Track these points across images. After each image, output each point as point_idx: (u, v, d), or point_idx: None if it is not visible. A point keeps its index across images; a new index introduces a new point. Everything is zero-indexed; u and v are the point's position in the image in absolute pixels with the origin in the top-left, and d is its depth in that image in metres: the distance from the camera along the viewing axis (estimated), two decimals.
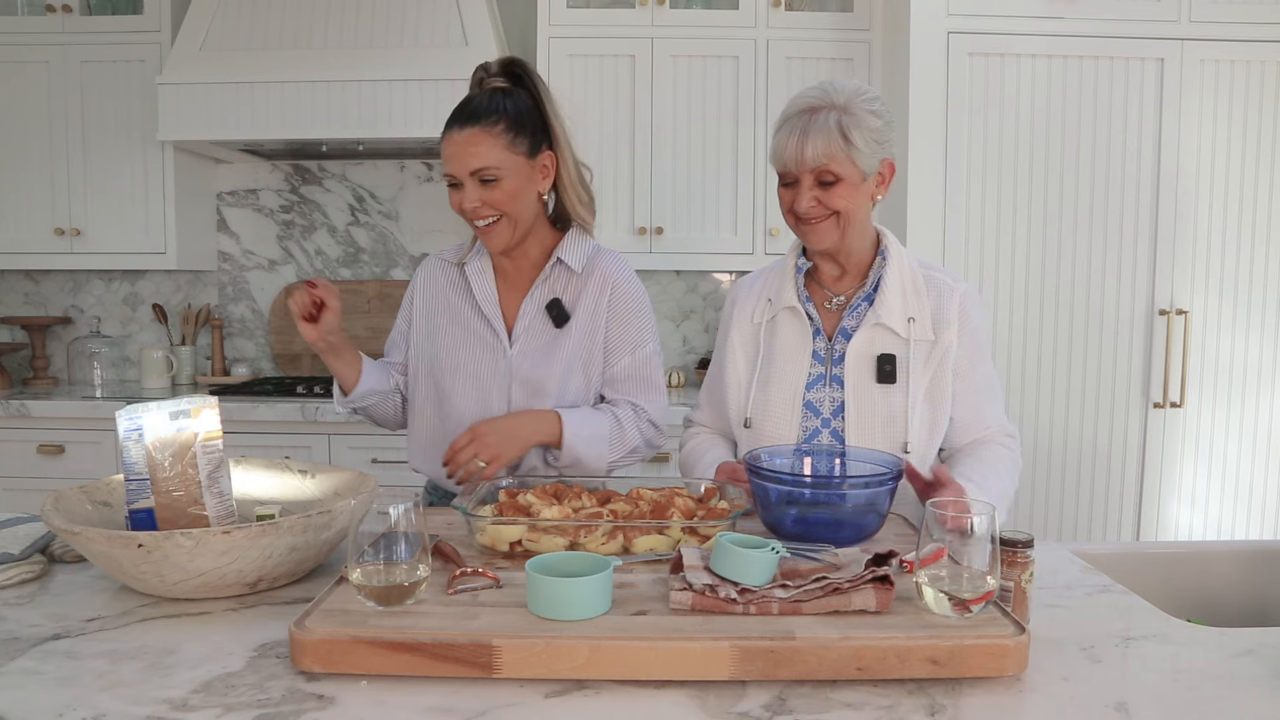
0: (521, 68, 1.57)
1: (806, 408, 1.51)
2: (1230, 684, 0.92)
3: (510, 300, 1.64)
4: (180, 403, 1.22)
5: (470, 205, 1.50)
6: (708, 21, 2.98)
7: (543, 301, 1.62)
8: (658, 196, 3.02)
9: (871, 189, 1.46)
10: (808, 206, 1.43)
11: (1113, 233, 2.73)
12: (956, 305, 1.50)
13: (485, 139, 1.48)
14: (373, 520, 0.99)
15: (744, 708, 0.85)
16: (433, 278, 1.68)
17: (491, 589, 1.04)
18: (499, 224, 1.52)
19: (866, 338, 1.49)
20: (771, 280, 1.60)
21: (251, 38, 2.89)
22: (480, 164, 1.48)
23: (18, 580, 1.17)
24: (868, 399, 1.48)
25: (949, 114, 2.68)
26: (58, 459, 2.88)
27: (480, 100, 1.52)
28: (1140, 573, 1.42)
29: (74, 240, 3.08)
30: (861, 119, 1.40)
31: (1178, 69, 2.68)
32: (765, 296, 1.59)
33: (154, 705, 0.85)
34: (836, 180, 1.41)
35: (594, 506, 1.26)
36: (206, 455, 1.21)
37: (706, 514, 1.24)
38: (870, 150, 1.41)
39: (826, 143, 1.39)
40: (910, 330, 1.48)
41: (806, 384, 1.52)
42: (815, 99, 1.42)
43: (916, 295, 1.50)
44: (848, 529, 1.23)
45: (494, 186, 1.50)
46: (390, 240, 3.41)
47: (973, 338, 1.51)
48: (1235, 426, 2.79)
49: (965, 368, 1.51)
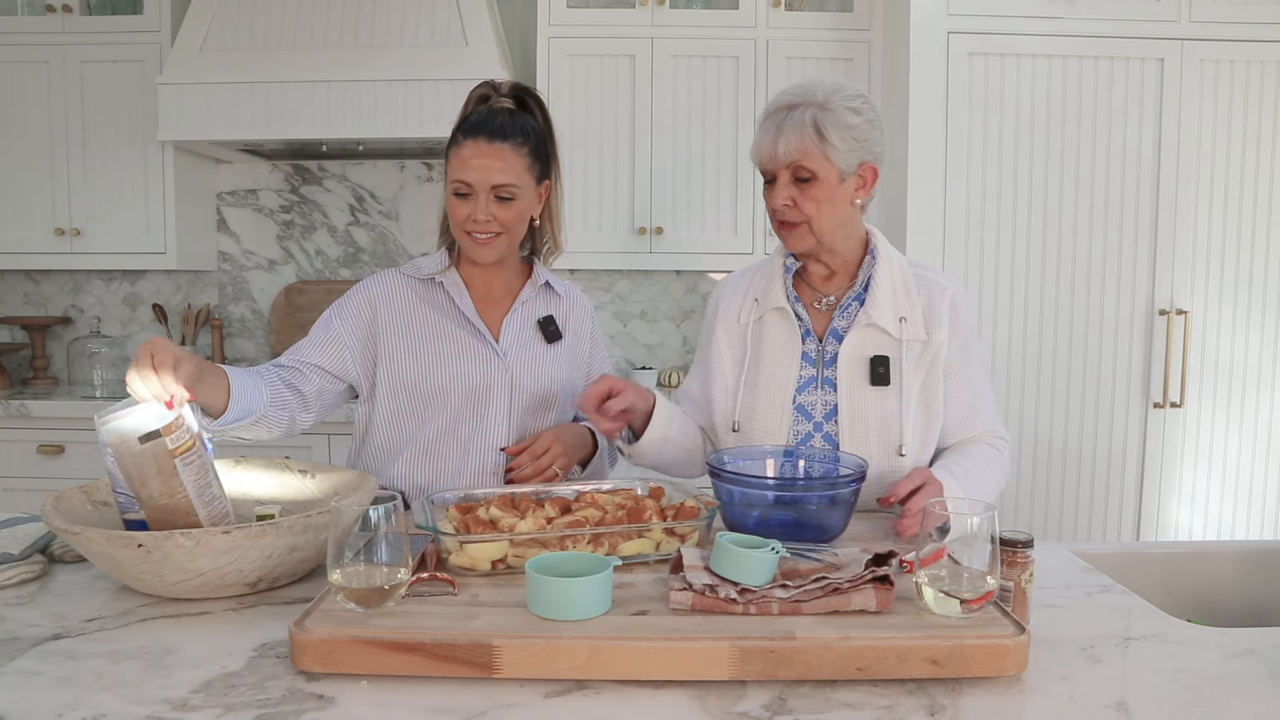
0: (531, 96, 1.60)
1: (798, 411, 1.48)
2: (1230, 684, 0.92)
3: (486, 316, 1.64)
4: (144, 417, 1.12)
5: (483, 218, 1.51)
6: (708, 21, 2.98)
7: (528, 318, 1.65)
8: (658, 196, 3.02)
9: (850, 191, 1.42)
10: (781, 204, 1.41)
11: (1113, 233, 2.73)
12: (948, 304, 1.48)
13: (512, 157, 1.51)
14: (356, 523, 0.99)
15: (744, 708, 0.85)
16: (396, 293, 1.63)
17: (447, 594, 1.03)
18: (498, 239, 1.54)
19: (859, 339, 1.46)
20: (758, 280, 1.57)
21: (251, 38, 2.89)
22: (504, 180, 1.50)
23: (18, 580, 1.17)
24: (861, 402, 1.45)
25: (949, 114, 2.68)
26: (58, 459, 2.88)
27: (503, 118, 1.53)
28: (1140, 573, 1.41)
29: (74, 240, 3.08)
30: (839, 116, 1.37)
31: (1178, 69, 2.68)
32: (752, 296, 1.56)
33: (154, 705, 0.85)
34: (812, 177, 1.39)
35: (560, 515, 1.23)
36: (187, 467, 1.14)
37: (678, 513, 1.22)
38: (848, 148, 1.38)
39: (800, 138, 1.37)
40: (902, 330, 1.46)
41: (797, 387, 1.49)
42: (795, 96, 1.41)
43: (907, 294, 1.48)
44: (810, 530, 1.23)
45: (509, 205, 1.52)
46: (390, 240, 3.41)
47: (964, 338, 1.49)
48: (1235, 426, 2.79)
49: (956, 368, 1.48)
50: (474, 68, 2.76)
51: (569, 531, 1.14)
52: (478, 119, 1.53)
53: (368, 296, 1.62)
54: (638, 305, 3.41)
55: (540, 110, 1.60)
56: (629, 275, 3.38)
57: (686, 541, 1.18)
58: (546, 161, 1.59)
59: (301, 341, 1.59)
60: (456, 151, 1.52)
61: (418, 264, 1.67)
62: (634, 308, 3.41)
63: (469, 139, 1.51)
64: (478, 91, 1.59)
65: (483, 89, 1.59)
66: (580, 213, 3.01)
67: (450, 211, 1.55)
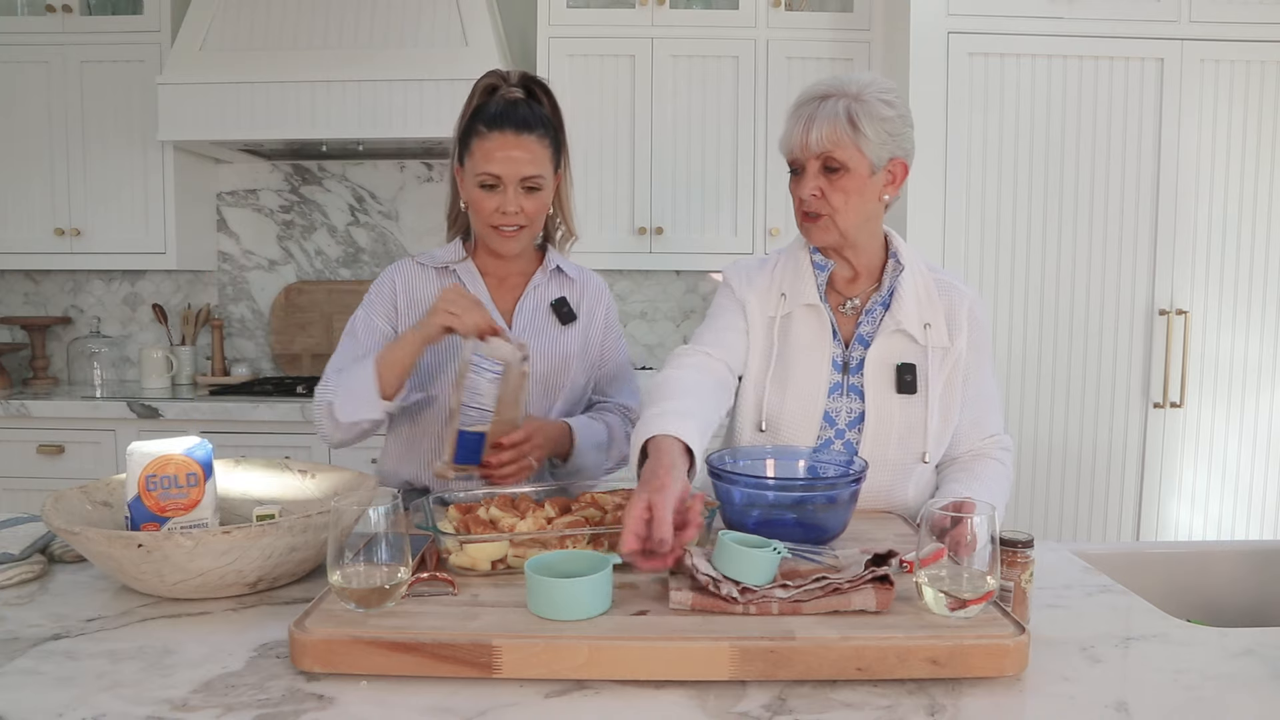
0: (539, 84, 1.58)
1: (823, 418, 1.44)
2: (1230, 684, 0.92)
3: (500, 302, 1.65)
4: (507, 349, 1.42)
5: (512, 210, 1.51)
6: (707, 21, 2.98)
7: (542, 302, 1.65)
8: (658, 196, 3.02)
9: (879, 186, 1.39)
10: (809, 194, 1.38)
11: (1113, 233, 2.73)
12: (966, 310, 1.46)
13: (537, 148, 1.51)
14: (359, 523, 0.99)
15: (744, 708, 0.85)
16: (413, 282, 1.64)
17: (447, 594, 1.02)
18: (523, 231, 1.55)
19: (885, 346, 1.43)
20: (781, 274, 1.50)
21: (251, 38, 2.89)
22: (533, 171, 1.51)
23: (18, 580, 1.17)
24: (888, 410, 1.42)
25: (949, 114, 2.68)
26: (58, 459, 2.88)
27: (525, 109, 1.52)
28: (1140, 573, 1.41)
29: (74, 240, 3.08)
30: (873, 107, 1.35)
31: (1178, 69, 2.68)
32: (778, 290, 1.48)
33: (154, 705, 0.85)
34: (842, 168, 1.36)
35: (560, 515, 1.22)
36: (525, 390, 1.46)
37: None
38: (880, 140, 1.35)
39: (832, 127, 1.34)
40: (927, 336, 1.43)
41: (826, 392, 1.44)
42: (828, 87, 1.38)
43: (930, 300, 1.46)
44: (809, 530, 1.22)
45: (535, 196, 1.53)
46: (390, 240, 3.41)
47: (980, 344, 1.48)
48: (1235, 426, 2.79)
49: (972, 375, 1.47)
50: (474, 68, 2.71)
51: (569, 531, 1.14)
52: (499, 110, 1.51)
53: (390, 285, 1.64)
54: (638, 305, 3.41)
55: (549, 98, 1.59)
56: (629, 275, 3.38)
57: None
58: (560, 151, 1.59)
59: (348, 346, 1.59)
60: (480, 144, 1.50)
61: (433, 253, 1.67)
62: (634, 308, 3.41)
63: (494, 131, 1.49)
64: (485, 81, 1.56)
65: (491, 79, 1.56)
66: (580, 212, 3.00)
67: (475, 205, 1.53)
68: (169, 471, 1.17)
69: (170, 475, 1.17)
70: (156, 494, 1.16)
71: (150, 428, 2.86)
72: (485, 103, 1.54)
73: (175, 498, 1.17)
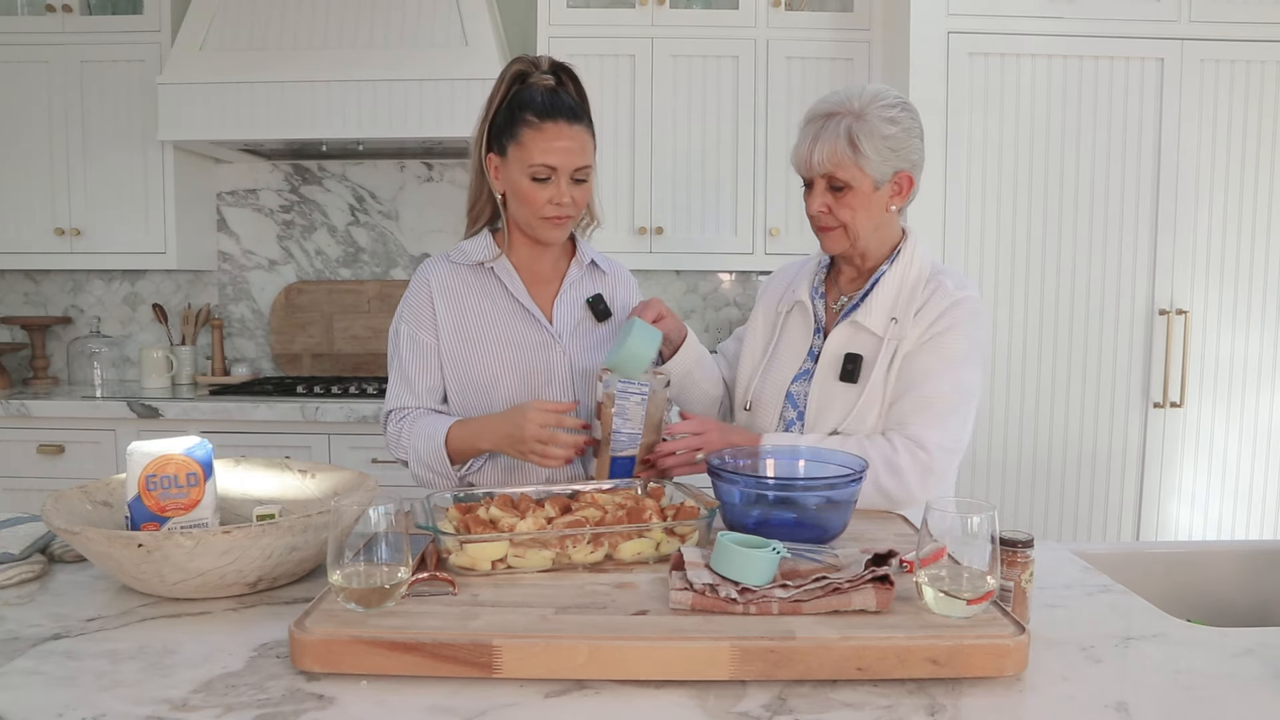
0: (567, 71, 1.55)
1: (787, 399, 1.55)
2: (1230, 684, 0.92)
3: (538, 299, 1.62)
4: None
5: (566, 200, 1.50)
6: (707, 21, 2.98)
7: (577, 298, 1.64)
8: (658, 196, 3.02)
9: (885, 199, 1.46)
10: (816, 210, 1.47)
11: (1113, 232, 2.73)
12: (942, 310, 1.44)
13: (584, 137, 1.50)
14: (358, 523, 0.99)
15: (744, 708, 0.85)
16: (448, 283, 1.60)
17: (447, 594, 1.02)
18: (569, 220, 1.55)
19: (844, 336, 1.50)
20: (797, 274, 1.64)
21: (251, 38, 2.89)
22: (584, 161, 1.51)
23: (18, 580, 1.17)
24: (828, 396, 1.49)
25: (949, 114, 2.68)
26: (58, 459, 2.88)
27: (569, 98, 1.51)
28: (1140, 573, 1.42)
29: (74, 240, 3.08)
30: (874, 126, 1.39)
31: (1178, 69, 2.68)
32: (790, 287, 1.63)
33: (154, 705, 0.85)
34: (846, 187, 1.43)
35: (560, 515, 1.22)
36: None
37: (678, 513, 1.22)
38: (881, 158, 1.41)
39: (833, 149, 1.41)
40: (889, 330, 1.46)
41: (794, 376, 1.55)
42: (833, 105, 1.44)
43: (912, 296, 1.47)
44: (810, 530, 1.22)
45: (583, 185, 1.53)
46: (390, 240, 3.41)
47: (945, 346, 1.43)
48: (1235, 426, 2.78)
49: (918, 377, 1.43)
50: (474, 68, 2.76)
51: (569, 531, 1.14)
52: (547, 100, 1.48)
53: (426, 291, 1.60)
54: None
55: (577, 85, 1.55)
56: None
57: (686, 541, 1.18)
58: (594, 136, 1.56)
59: (401, 371, 1.59)
60: (533, 134, 1.46)
61: (464, 250, 1.61)
62: None
63: (548, 121, 1.46)
64: (515, 68, 1.51)
65: (521, 65, 1.51)
66: None
67: (525, 196, 1.49)
68: (169, 471, 1.17)
69: (170, 475, 1.17)
70: (156, 494, 1.16)
71: (150, 428, 2.86)
72: (523, 90, 1.50)
73: (175, 498, 1.17)
